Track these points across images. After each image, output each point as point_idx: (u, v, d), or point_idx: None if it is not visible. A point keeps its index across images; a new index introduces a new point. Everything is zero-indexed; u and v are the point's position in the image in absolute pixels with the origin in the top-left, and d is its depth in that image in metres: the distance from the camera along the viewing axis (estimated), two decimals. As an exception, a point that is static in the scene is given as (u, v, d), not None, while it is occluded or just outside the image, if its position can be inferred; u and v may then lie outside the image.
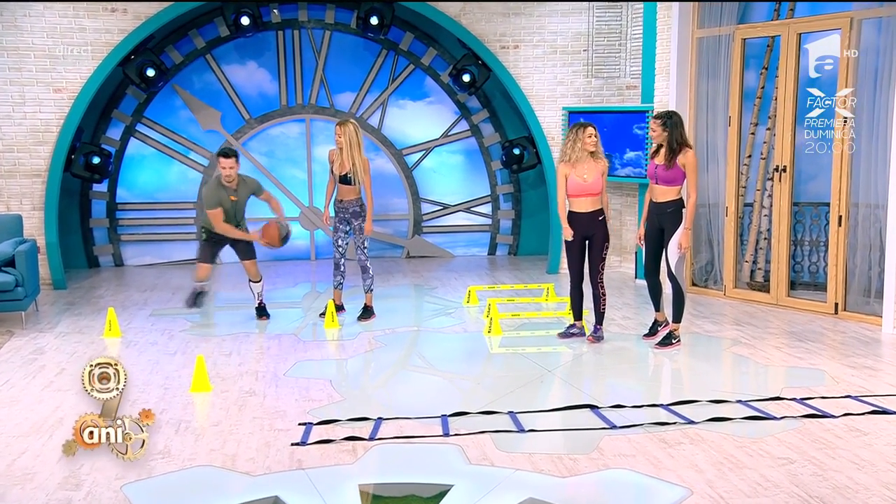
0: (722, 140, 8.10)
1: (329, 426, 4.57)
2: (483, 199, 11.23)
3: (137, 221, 10.66)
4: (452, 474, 3.98)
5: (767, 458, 4.12)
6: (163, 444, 4.28)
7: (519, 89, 9.83)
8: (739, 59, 7.85)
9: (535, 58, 9.83)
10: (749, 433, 4.47)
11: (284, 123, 10.82)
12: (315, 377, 5.57)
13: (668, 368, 6.10)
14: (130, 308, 7.85)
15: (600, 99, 9.81)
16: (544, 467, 4.04)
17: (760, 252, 8.12)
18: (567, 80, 9.85)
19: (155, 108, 10.48)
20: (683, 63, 8.29)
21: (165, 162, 10.64)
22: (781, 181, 7.59)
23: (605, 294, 6.47)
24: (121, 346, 6.47)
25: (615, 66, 9.81)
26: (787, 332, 6.78)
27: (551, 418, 4.76)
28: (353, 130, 7.00)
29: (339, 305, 7.34)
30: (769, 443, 4.33)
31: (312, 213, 10.94)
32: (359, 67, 10.84)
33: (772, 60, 7.85)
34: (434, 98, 11.07)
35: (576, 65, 9.84)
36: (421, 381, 5.70)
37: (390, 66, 10.89)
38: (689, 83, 8.31)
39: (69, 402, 4.99)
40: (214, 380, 5.40)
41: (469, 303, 8.05)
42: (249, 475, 3.93)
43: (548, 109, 9.85)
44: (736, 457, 4.14)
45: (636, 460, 4.13)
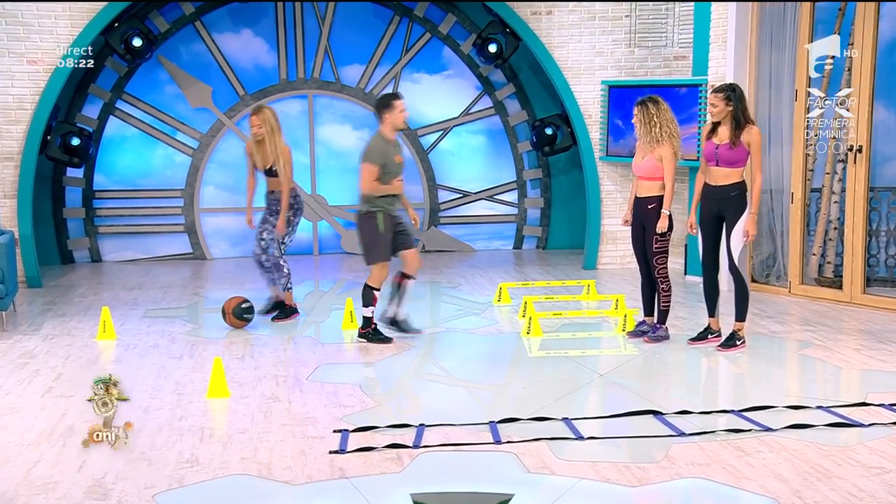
0: (787, 118, 8.27)
1: (367, 433, 4.74)
2: (508, 185, 11.41)
3: (117, 212, 10.83)
4: (511, 483, 4.15)
5: (859, 468, 4.29)
6: (189, 453, 4.45)
7: (552, 61, 10.00)
8: (808, 24, 8.01)
9: (570, 24, 9.99)
10: (835, 441, 4.63)
11: (284, 100, 10.99)
12: (342, 382, 5.75)
13: (731, 372, 6.26)
14: (120, 308, 8.03)
15: (644, 71, 9.98)
16: (611, 476, 4.21)
17: (830, 244, 8.29)
18: (607, 50, 10.02)
19: (137, 83, 10.65)
20: (742, 30, 8.45)
21: (149, 144, 10.82)
22: (856, 163, 7.75)
23: (665, 290, 6.64)
24: (118, 350, 6.64)
25: (662, 33, 9.97)
26: (865, 333, 6.95)
27: (611, 425, 4.93)
28: (271, 116, 7.29)
29: (280, 301, 7.53)
30: (859, 451, 4.50)
31: (316, 201, 11.12)
32: (368, 36, 11.01)
33: (844, 26, 8.01)
34: (453, 71, 11.24)
35: (617, 32, 10.00)
36: (459, 386, 5.86)
37: (404, 35, 11.06)
38: (748, 53, 8.48)
39: (75, 408, 5.16)
40: (230, 385, 5.57)
41: (500, 301, 8.22)
42: (290, 484, 4.11)
43: (585, 83, 10.02)
44: (823, 466, 4.31)
45: (711, 469, 4.30)
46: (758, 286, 8.48)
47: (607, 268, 10.08)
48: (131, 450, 4.47)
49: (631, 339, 6.82)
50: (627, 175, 9.93)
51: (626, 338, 6.85)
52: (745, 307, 6.50)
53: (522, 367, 6.33)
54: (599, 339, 7.01)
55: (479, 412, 5.15)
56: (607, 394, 5.64)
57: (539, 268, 10.16)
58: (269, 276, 7.54)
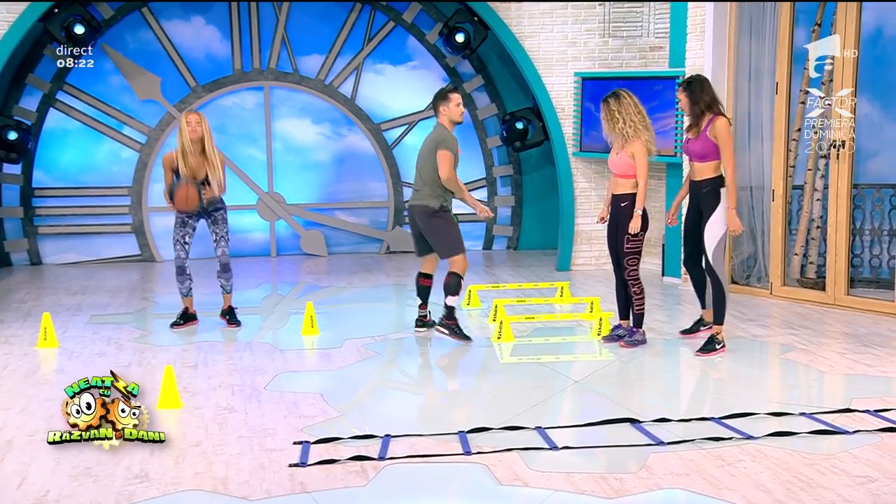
0: (767, 111, 8.38)
1: (330, 445, 4.73)
2: (477, 182, 11.43)
3: (59, 211, 10.70)
4: (481, 496, 4.17)
5: (844, 477, 4.35)
6: (139, 468, 4.41)
7: (522, 51, 10.04)
8: (788, 14, 8.12)
9: (541, 13, 10.04)
10: (819, 449, 4.69)
11: (238, 92, 10.93)
12: (302, 391, 5.73)
13: (711, 378, 6.32)
14: (62, 314, 7.93)
15: (619, 62, 10.06)
16: (587, 488, 4.23)
17: (812, 243, 8.40)
18: (580, 41, 10.08)
19: (80, 74, 10.53)
20: (721, 20, 8.55)
21: (93, 138, 10.70)
22: (839, 159, 7.87)
23: (637, 293, 6.68)
24: (60, 358, 6.56)
25: (637, 23, 10.06)
26: (850, 336, 7.06)
27: (586, 434, 4.95)
28: (206, 120, 7.17)
29: (192, 314, 7.48)
30: (844, 459, 4.56)
31: (273, 199, 11.06)
32: (328, 25, 10.98)
33: (825, 16, 8.13)
34: (418, 62, 11.25)
35: (590, 22, 10.07)
36: (426, 394, 5.87)
37: (366, 24, 11.05)
38: (727, 44, 8.57)
39: (13, 421, 5.09)
40: (183, 395, 5.53)
41: (469, 305, 8.23)
42: (247, 500, 4.08)
43: (557, 75, 10.07)
44: (807, 475, 4.37)
45: (691, 479, 4.34)
46: (738, 288, 8.58)
47: (582, 269, 10.14)
48: (76, 465, 4.42)
49: (606, 343, 6.86)
50: (602, 171, 10.00)
51: (602, 342, 6.89)
52: (722, 310, 6.58)
53: (493, 374, 6.35)
54: (574, 343, 7.05)
55: (448, 422, 5.16)
56: (582, 401, 5.67)
57: (510, 269, 10.19)
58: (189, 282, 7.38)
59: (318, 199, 11.23)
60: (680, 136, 9.18)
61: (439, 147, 6.92)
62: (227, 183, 7.35)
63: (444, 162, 6.89)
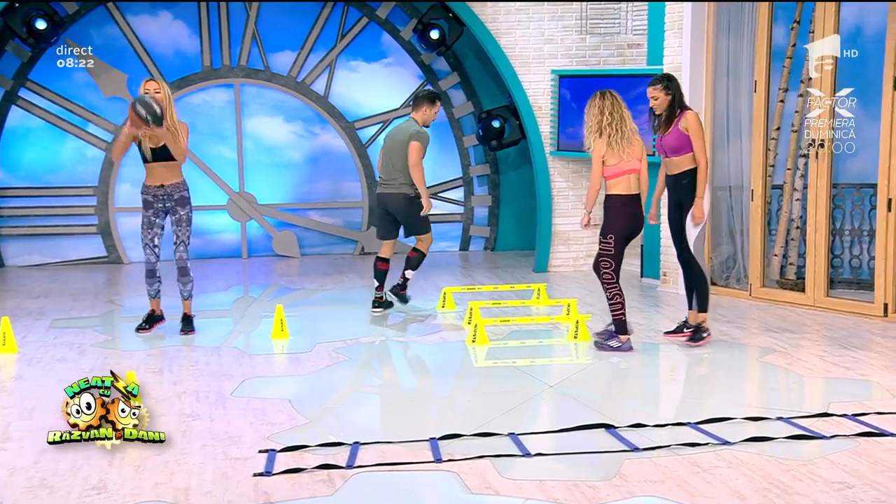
0: (746, 109, 8.40)
1: (296, 453, 4.68)
2: (453, 182, 11.42)
3: (21, 211, 10.59)
4: (452, 506, 4.13)
5: (820, 483, 4.35)
6: (97, 478, 4.34)
7: (498, 48, 10.03)
8: (767, 11, 8.14)
9: (517, 10, 10.03)
10: (796, 455, 4.69)
11: (208, 89, 10.86)
12: (270, 397, 5.67)
13: (689, 382, 6.34)
14: (23, 318, 7.83)
15: (597, 60, 10.07)
16: (559, 496, 4.21)
17: (792, 244, 8.42)
18: (557, 37, 10.08)
19: (43, 70, 10.43)
20: (699, 17, 8.56)
21: (57, 137, 10.60)
22: (818, 158, 7.90)
23: (612, 297, 6.66)
24: (19, 364, 6.46)
25: (615, 20, 10.07)
26: (829, 339, 7.08)
27: (560, 440, 4.94)
28: (167, 86, 7.04)
29: (159, 315, 7.40)
30: (821, 465, 4.56)
31: (244, 199, 10.99)
32: (300, 20, 10.93)
33: (804, 13, 8.16)
34: (393, 59, 11.22)
35: (567, 18, 10.07)
36: (398, 400, 5.83)
37: (339, 20, 11.01)
38: (705, 41, 8.59)
39: (-32, 430, 5.01)
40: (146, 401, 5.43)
41: (444, 307, 8.21)
42: (209, 511, 4.04)
43: (534, 73, 10.07)
44: (783, 482, 4.36)
45: (666, 486, 4.32)
46: (717, 289, 8.58)
47: (559, 270, 10.14)
48: (31, 476, 4.35)
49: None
50: (580, 171, 10.00)
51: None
52: (705, 297, 6.76)
53: (467, 379, 6.33)
54: (550, 346, 7.04)
55: (420, 428, 5.12)
56: (557, 406, 5.65)
57: (487, 271, 10.17)
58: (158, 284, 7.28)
59: (290, 199, 11.17)
60: (658, 134, 9.20)
61: (413, 138, 7.75)
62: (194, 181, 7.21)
63: (414, 151, 7.75)
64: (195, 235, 8.28)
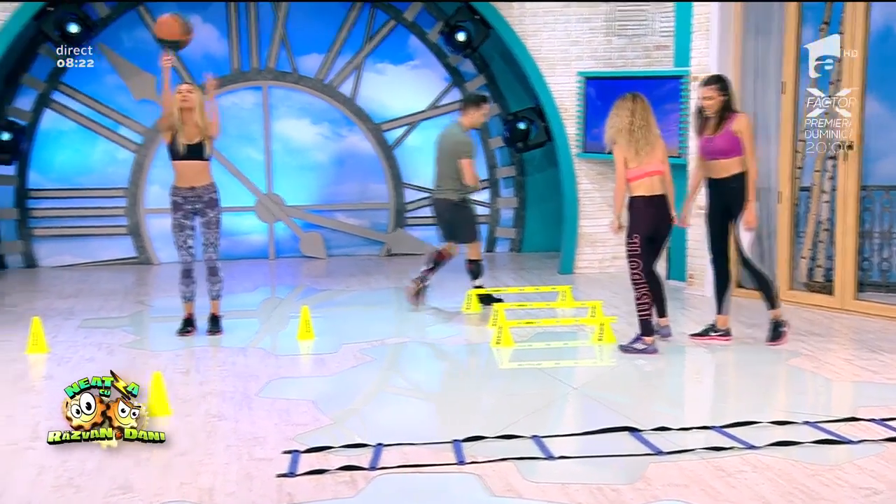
0: (774, 111, 8.30)
1: (320, 454, 4.67)
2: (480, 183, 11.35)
3: (54, 212, 10.68)
4: (474, 509, 4.10)
5: (847, 489, 4.28)
6: (122, 478, 4.35)
7: (525, 50, 9.98)
8: (795, 12, 8.05)
9: (544, 12, 9.98)
10: (822, 459, 4.62)
11: (237, 92, 10.91)
12: (295, 398, 5.67)
13: (714, 385, 6.27)
14: (54, 318, 7.90)
15: (623, 62, 9.99)
16: (582, 499, 4.17)
17: (820, 246, 8.33)
18: (583, 40, 10.02)
19: (75, 73, 10.51)
20: (726, 18, 8.49)
21: (89, 139, 10.69)
22: (847, 160, 7.80)
23: (639, 297, 6.62)
24: (49, 364, 6.51)
25: (642, 22, 9.99)
26: (857, 342, 6.98)
27: (584, 443, 4.89)
28: (199, 91, 7.08)
29: (192, 319, 7.37)
30: (847, 470, 4.49)
31: (272, 201, 11.03)
32: (327, 23, 10.95)
33: (834, 14, 8.06)
34: (420, 61, 11.21)
35: (594, 20, 10.00)
36: (422, 402, 5.82)
37: (366, 22, 11.01)
38: (733, 43, 8.51)
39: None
40: (173, 402, 5.48)
41: (470, 309, 8.18)
42: (232, 512, 4.04)
43: (560, 75, 10.01)
44: (809, 487, 4.30)
45: (690, 491, 4.27)
46: (744, 292, 8.48)
47: (585, 272, 10.07)
48: (59, 475, 4.37)
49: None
50: (606, 173, 9.93)
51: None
52: (772, 294, 6.77)
53: (491, 380, 6.30)
54: (575, 348, 6.99)
55: (443, 430, 5.10)
56: (581, 409, 5.61)
57: (512, 272, 10.13)
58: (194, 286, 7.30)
59: (317, 200, 11.19)
60: (685, 136, 9.13)
61: (461, 156, 7.91)
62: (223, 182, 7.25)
63: (469, 170, 7.93)
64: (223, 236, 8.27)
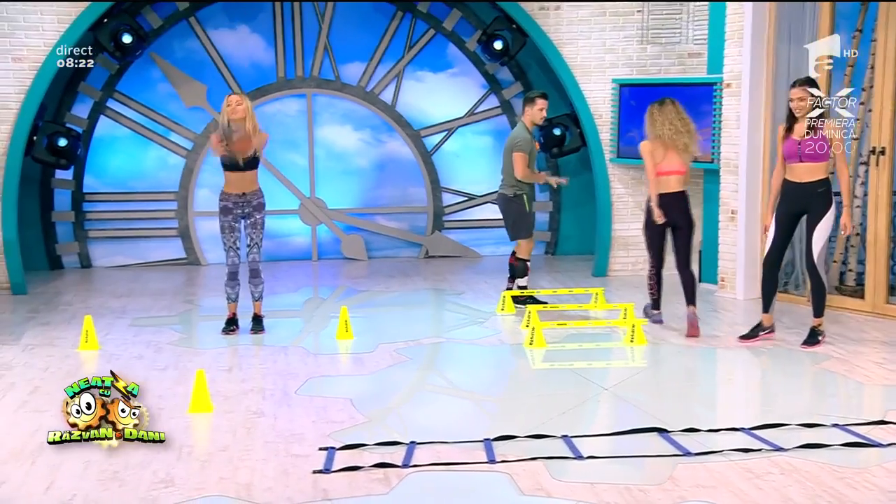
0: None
1: (355, 451, 4.67)
2: (516, 188, 11.30)
3: (108, 215, 10.82)
4: (503, 507, 4.08)
5: (876, 492, 4.19)
6: (164, 473, 4.39)
7: (560, 58, 9.92)
8: (828, 19, 7.91)
9: (579, 20, 9.91)
10: (851, 462, 4.54)
11: (282, 99, 10.97)
12: (332, 396, 5.69)
13: (745, 387, 6.18)
14: (106, 316, 7.99)
15: (657, 69, 9.89)
16: (610, 499, 4.13)
17: (852, 251, 8.19)
18: (618, 47, 9.93)
19: (129, 81, 10.64)
20: (760, 25, 8.37)
21: (141, 144, 10.80)
22: (878, 166, 7.65)
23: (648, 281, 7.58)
24: (100, 361, 6.59)
25: (675, 29, 9.89)
26: (888, 345, 6.85)
27: (613, 443, 4.85)
28: (248, 101, 7.11)
29: (235, 318, 7.39)
30: (876, 473, 4.40)
31: (315, 204, 11.08)
32: (369, 33, 10.97)
33: (867, 21, 7.91)
34: (458, 69, 11.19)
35: (628, 28, 9.92)
36: (455, 401, 5.79)
37: (406, 32, 11.02)
38: (766, 50, 8.39)
39: (49, 424, 5.08)
40: (215, 399, 5.52)
41: (504, 311, 8.14)
42: (268, 507, 4.05)
43: (595, 82, 9.94)
44: (837, 489, 4.21)
45: (717, 492, 4.21)
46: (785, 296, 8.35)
47: (618, 275, 9.99)
48: (104, 469, 4.42)
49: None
50: (640, 178, 9.84)
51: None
52: (822, 303, 6.76)
53: (524, 381, 6.28)
54: (607, 350, 6.93)
55: (475, 429, 5.07)
56: (611, 409, 5.56)
57: (547, 275, 10.08)
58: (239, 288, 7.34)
59: (358, 204, 11.22)
60: (717, 142, 9.01)
61: (514, 149, 7.99)
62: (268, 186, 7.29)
63: (518, 162, 7.97)
64: (268, 238, 8.35)
